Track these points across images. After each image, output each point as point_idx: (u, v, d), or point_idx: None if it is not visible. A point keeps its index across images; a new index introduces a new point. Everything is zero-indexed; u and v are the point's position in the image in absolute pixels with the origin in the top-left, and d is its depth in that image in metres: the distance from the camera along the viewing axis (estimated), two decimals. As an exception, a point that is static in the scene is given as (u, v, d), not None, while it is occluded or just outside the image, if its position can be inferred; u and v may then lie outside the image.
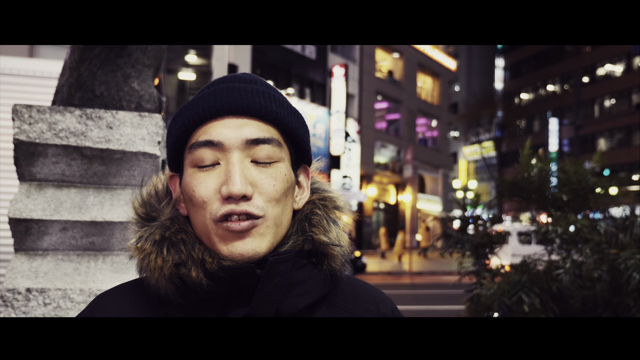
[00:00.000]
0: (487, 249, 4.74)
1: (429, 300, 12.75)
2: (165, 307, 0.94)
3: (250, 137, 0.92)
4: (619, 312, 3.86)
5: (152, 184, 1.05)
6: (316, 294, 0.97)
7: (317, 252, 0.97)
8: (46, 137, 2.33)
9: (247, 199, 0.90)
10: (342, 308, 1.02)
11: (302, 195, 1.03)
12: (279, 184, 0.93)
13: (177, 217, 0.98)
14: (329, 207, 1.03)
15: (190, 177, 0.93)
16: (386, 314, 1.05)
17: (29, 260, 2.29)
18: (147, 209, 1.00)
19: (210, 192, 0.91)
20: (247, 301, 0.91)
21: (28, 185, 2.34)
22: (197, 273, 0.90)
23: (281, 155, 0.95)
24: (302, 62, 27.35)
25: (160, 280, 0.92)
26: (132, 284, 1.01)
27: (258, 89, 0.96)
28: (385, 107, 35.89)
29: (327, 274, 0.98)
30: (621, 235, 3.93)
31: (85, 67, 2.51)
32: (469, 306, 4.72)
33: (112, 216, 2.35)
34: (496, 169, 44.68)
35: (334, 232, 1.00)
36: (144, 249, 0.94)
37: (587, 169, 4.41)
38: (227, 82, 0.98)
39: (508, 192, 4.87)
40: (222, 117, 0.93)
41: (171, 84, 22.67)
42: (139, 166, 2.42)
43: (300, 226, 1.00)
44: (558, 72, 49.74)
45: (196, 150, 0.93)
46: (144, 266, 0.94)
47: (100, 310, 0.98)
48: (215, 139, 0.92)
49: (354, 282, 1.07)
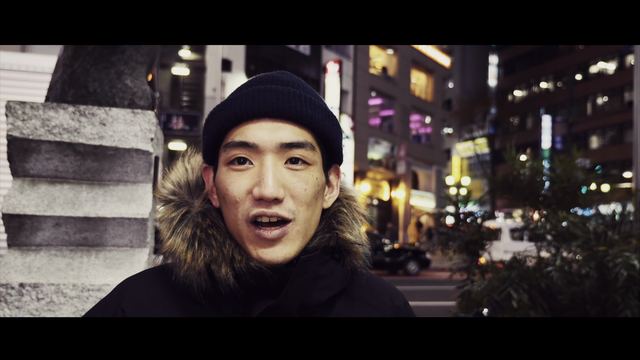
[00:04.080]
0: (478, 245, 4.77)
1: (420, 296, 12.79)
2: (191, 295, 0.96)
3: (285, 140, 0.94)
4: (607, 308, 3.90)
5: (182, 174, 1.06)
6: (337, 288, 1.00)
7: (341, 249, 1.00)
8: (39, 134, 2.34)
9: (278, 201, 0.92)
10: (359, 299, 1.05)
11: (332, 194, 1.06)
12: (310, 188, 0.95)
13: (209, 210, 1.00)
14: (352, 205, 1.07)
15: (224, 175, 0.95)
16: (399, 306, 1.10)
17: (22, 256, 2.30)
18: (178, 200, 1.02)
19: (243, 192, 0.93)
20: (273, 293, 0.93)
21: (21, 181, 2.36)
22: (227, 270, 0.93)
23: (314, 159, 0.97)
24: (296, 58, 27.31)
25: (190, 273, 0.94)
26: (158, 270, 1.03)
27: (295, 91, 0.97)
28: (379, 104, 35.87)
29: (348, 269, 1.01)
30: (610, 233, 3.97)
31: (78, 64, 2.52)
32: (460, 302, 4.76)
33: (105, 212, 2.37)
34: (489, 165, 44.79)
35: (357, 230, 1.03)
36: (176, 242, 0.96)
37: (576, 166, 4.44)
38: (265, 84, 0.99)
39: (499, 191, 4.91)
40: (258, 119, 0.94)
41: (165, 79, 22.59)
42: (132, 162, 2.44)
43: (328, 223, 1.03)
44: (551, 69, 49.81)
45: (231, 150, 0.94)
46: (175, 257, 0.96)
47: (129, 292, 1.00)
48: (250, 140, 0.93)
49: (370, 277, 1.10)
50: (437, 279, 17.15)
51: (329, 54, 29.24)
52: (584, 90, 45.76)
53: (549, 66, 50.05)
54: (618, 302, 3.68)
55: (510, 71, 55.17)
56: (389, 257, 19.44)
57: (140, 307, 0.97)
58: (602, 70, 45.93)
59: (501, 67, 56.23)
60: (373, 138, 34.44)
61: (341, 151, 1.06)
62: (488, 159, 46.45)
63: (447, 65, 43.28)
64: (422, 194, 39.47)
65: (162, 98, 21.73)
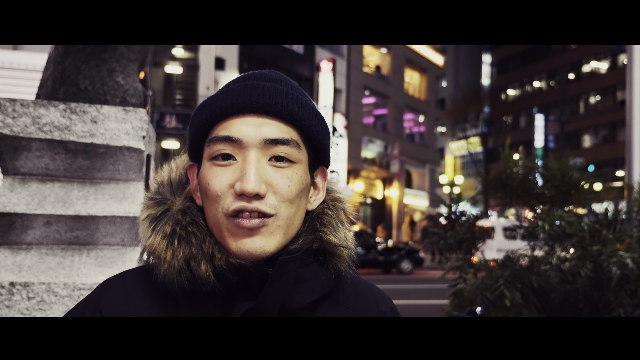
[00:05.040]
0: (471, 244, 4.78)
1: (414, 294, 12.81)
2: (172, 295, 0.95)
3: (269, 137, 0.93)
4: (600, 306, 3.92)
5: (165, 172, 1.05)
6: (320, 292, 0.98)
7: (325, 252, 0.99)
8: (30, 131, 2.32)
9: (259, 197, 0.91)
10: (343, 305, 1.03)
11: (317, 196, 1.04)
12: (294, 185, 0.94)
13: (190, 208, 0.98)
14: (338, 208, 1.05)
15: (207, 170, 0.94)
16: (386, 312, 1.07)
17: (13, 255, 2.28)
18: (160, 198, 1.01)
19: (225, 187, 0.92)
20: (253, 295, 0.92)
21: (12, 179, 2.34)
22: (206, 268, 0.91)
23: (299, 157, 0.96)
24: (289, 56, 27.29)
25: (169, 271, 0.92)
26: (140, 270, 1.02)
27: (282, 89, 0.96)
28: (373, 102, 35.93)
29: (332, 273, 0.99)
30: (604, 232, 3.98)
31: (69, 61, 2.50)
32: (453, 300, 4.76)
33: (96, 210, 2.36)
34: (482, 164, 44.94)
35: (341, 232, 1.02)
36: (156, 241, 0.95)
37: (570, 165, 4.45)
38: (252, 80, 0.98)
39: (493, 189, 4.91)
40: (243, 114, 0.94)
41: (158, 78, 22.53)
42: (123, 161, 2.42)
43: (311, 225, 1.01)
44: (544, 68, 50.00)
45: (215, 145, 0.93)
46: (155, 256, 0.95)
47: (107, 293, 0.98)
48: (234, 135, 0.92)
49: (356, 281, 1.08)
50: (431, 278, 17.18)
51: (322, 53, 29.23)
52: (577, 89, 45.95)
53: (542, 65, 50.24)
54: (611, 301, 3.69)
55: (503, 70, 55.35)
56: (382, 255, 19.49)
57: (119, 308, 0.96)
58: (594, 70, 46.13)
59: (494, 66, 56.41)
60: (367, 137, 34.48)
61: (328, 152, 1.04)
62: (481, 157, 46.61)
63: (440, 64, 43.38)
64: (416, 193, 39.55)
65: (155, 96, 21.66)
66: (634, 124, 6.37)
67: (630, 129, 6.33)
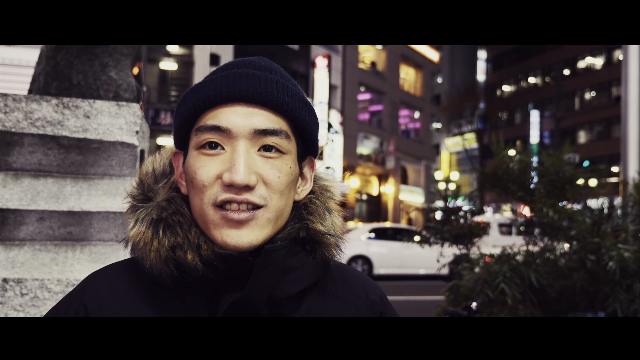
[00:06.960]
0: (467, 239, 4.78)
1: (410, 290, 12.83)
2: (158, 287, 0.93)
3: (259, 127, 0.91)
4: (596, 301, 3.92)
5: (149, 163, 1.03)
6: (308, 281, 0.96)
7: (312, 240, 0.97)
8: (22, 127, 2.30)
9: (249, 188, 0.89)
10: (332, 294, 1.02)
11: (305, 187, 1.02)
12: (284, 177, 0.93)
13: (174, 198, 0.96)
14: (325, 195, 1.03)
15: (193, 159, 0.92)
16: (375, 300, 1.06)
17: (6, 251, 2.27)
18: (144, 189, 0.99)
19: (212, 177, 0.90)
20: (240, 286, 0.90)
21: (4, 175, 2.32)
22: (193, 257, 0.90)
23: (289, 148, 0.94)
24: (285, 52, 27.24)
25: (156, 262, 0.91)
26: (125, 263, 1.00)
27: (272, 77, 0.94)
28: (368, 99, 35.90)
29: (320, 261, 0.98)
30: (603, 226, 3.99)
31: (62, 56, 2.48)
32: (448, 296, 4.77)
33: (89, 206, 2.34)
34: (478, 160, 45.02)
35: (328, 220, 1.00)
36: (140, 231, 0.93)
37: (565, 160, 4.45)
38: (241, 67, 0.96)
39: (488, 184, 4.91)
40: (232, 103, 0.92)
41: (153, 74, 22.47)
42: (116, 156, 2.40)
43: (298, 213, 1.00)
44: (539, 64, 50.08)
45: (203, 134, 0.91)
46: (140, 247, 0.93)
47: (92, 287, 0.97)
48: (223, 125, 0.90)
49: (345, 269, 1.07)
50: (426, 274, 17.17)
51: (317, 49, 29.19)
52: (572, 86, 46.07)
53: (537, 61, 50.32)
54: (608, 296, 3.70)
55: (498, 66, 55.42)
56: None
57: (104, 302, 0.94)
58: (589, 66, 46.24)
59: (490, 62, 56.47)
60: (362, 133, 34.47)
61: (317, 142, 1.03)
62: (477, 154, 46.69)
63: (436, 60, 43.38)
64: (411, 189, 39.59)
65: (150, 93, 21.60)
66: (629, 120, 6.39)
67: (626, 125, 6.35)
